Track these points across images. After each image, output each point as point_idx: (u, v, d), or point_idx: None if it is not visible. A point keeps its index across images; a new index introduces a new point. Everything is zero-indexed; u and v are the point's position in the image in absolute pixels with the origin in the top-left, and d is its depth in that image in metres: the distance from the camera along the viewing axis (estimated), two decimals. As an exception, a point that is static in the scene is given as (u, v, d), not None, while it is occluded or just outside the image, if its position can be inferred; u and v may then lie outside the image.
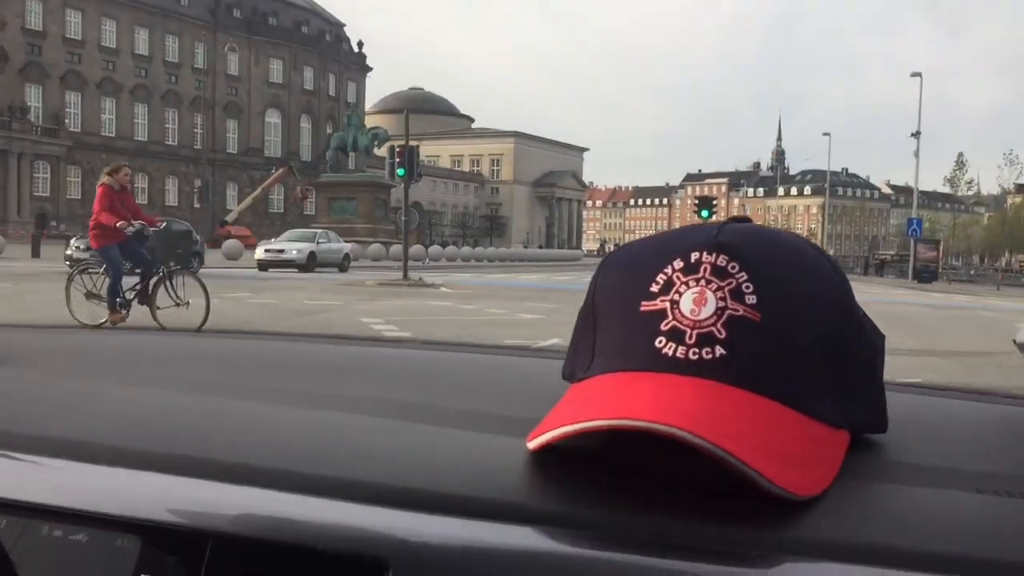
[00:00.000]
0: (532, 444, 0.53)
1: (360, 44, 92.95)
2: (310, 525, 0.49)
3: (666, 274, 0.55)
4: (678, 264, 0.55)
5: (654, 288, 0.55)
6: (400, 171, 21.54)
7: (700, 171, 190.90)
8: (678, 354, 0.52)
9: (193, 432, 0.64)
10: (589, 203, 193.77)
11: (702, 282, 0.53)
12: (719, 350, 0.51)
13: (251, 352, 1.08)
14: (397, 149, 22.26)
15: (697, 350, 0.51)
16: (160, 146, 75.71)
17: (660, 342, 0.52)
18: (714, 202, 29.87)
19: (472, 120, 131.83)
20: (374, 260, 42.56)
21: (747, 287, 0.53)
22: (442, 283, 22.14)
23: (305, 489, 0.51)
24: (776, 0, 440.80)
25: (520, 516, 0.48)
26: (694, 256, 0.55)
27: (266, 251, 29.01)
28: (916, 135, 44.10)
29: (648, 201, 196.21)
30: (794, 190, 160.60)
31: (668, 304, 0.53)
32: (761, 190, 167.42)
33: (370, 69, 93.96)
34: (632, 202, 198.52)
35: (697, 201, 30.01)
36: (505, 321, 12.49)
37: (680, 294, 0.53)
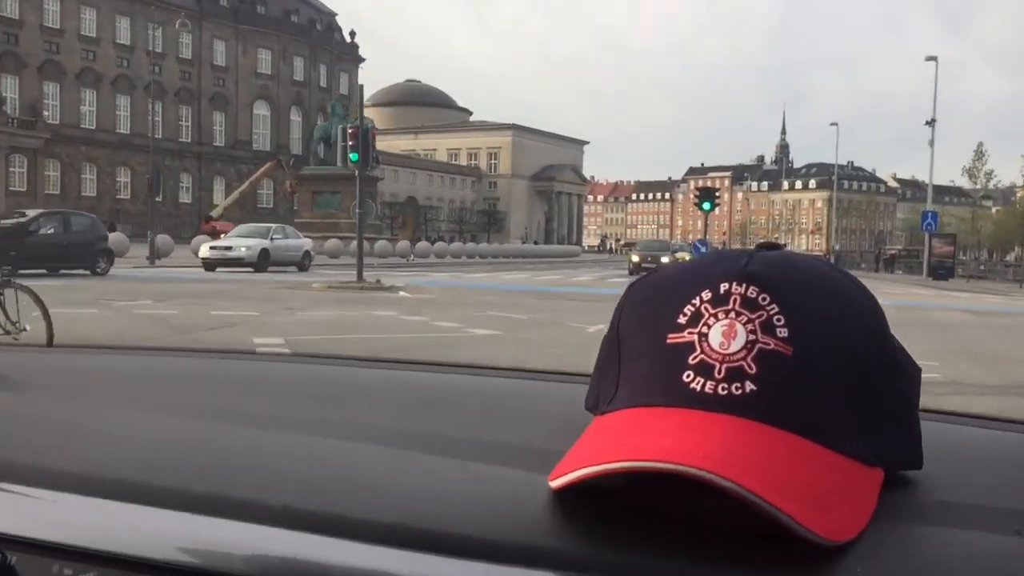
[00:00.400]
0: (555, 484, 0.51)
1: (352, 34, 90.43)
2: (316, 566, 0.48)
3: (694, 305, 0.53)
4: (707, 295, 0.54)
5: (682, 320, 0.53)
6: (353, 156, 18.88)
7: (703, 165, 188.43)
8: (707, 389, 0.50)
9: (203, 465, 0.62)
10: (590, 198, 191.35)
11: (732, 314, 0.52)
12: (749, 385, 0.50)
13: (252, 374, 1.03)
14: (350, 131, 19.45)
15: (726, 385, 0.50)
16: (144, 139, 73.19)
17: (688, 376, 0.51)
18: (716, 194, 27.45)
19: (470, 113, 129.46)
20: (355, 257, 40.30)
21: (778, 319, 0.51)
22: (404, 286, 19.51)
23: (312, 528, 0.50)
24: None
25: (539, 559, 0.46)
26: (723, 287, 0.53)
27: (211, 248, 25.75)
28: (931, 123, 41.45)
29: (650, 196, 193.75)
30: (799, 184, 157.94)
31: (696, 337, 0.52)
32: (765, 184, 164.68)
33: (363, 60, 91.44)
34: (634, 197, 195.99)
35: (698, 193, 27.51)
36: (450, 340, 10.02)
37: (709, 326, 0.52)
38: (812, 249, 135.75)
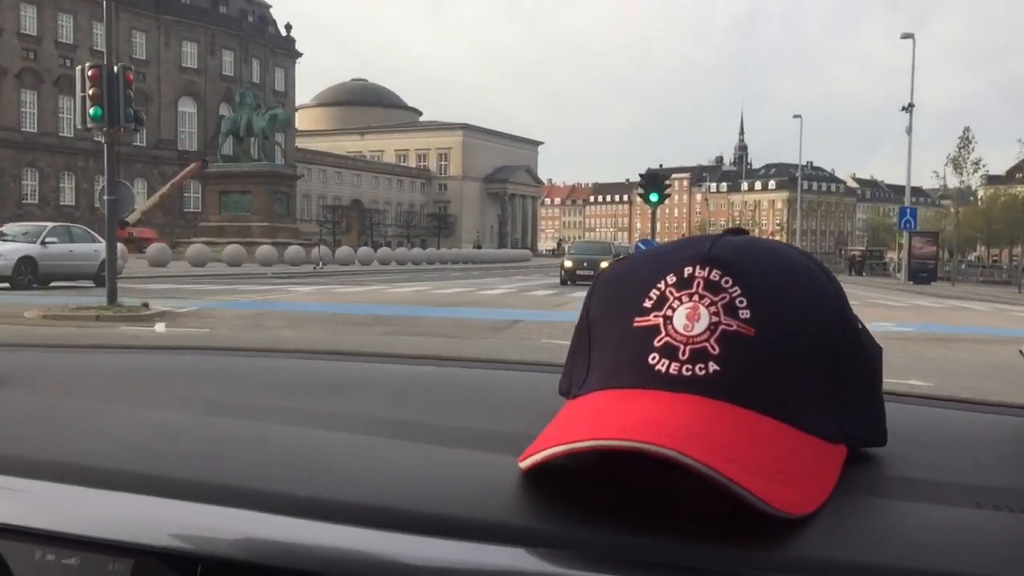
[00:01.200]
0: (524, 464, 0.53)
1: (288, 27, 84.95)
2: (299, 547, 0.49)
3: (659, 289, 0.55)
4: (671, 279, 0.55)
5: (647, 304, 0.55)
6: (94, 111, 11.99)
7: (661, 167, 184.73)
8: (671, 370, 0.52)
9: (184, 454, 0.63)
10: (547, 201, 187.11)
11: (695, 297, 0.53)
12: (712, 366, 0.51)
13: (243, 370, 1.06)
14: (90, 73, 12.37)
15: (690, 366, 0.51)
16: (53, 138, 67.14)
17: (653, 358, 0.53)
18: (667, 184, 22.20)
19: (420, 113, 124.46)
20: (263, 265, 34.97)
21: (741, 301, 0.53)
22: (184, 312, 12.99)
23: (293, 511, 0.51)
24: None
25: (509, 537, 0.48)
26: (687, 271, 0.55)
27: None
28: (908, 108, 37.39)
29: (608, 198, 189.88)
30: (758, 184, 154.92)
31: (661, 320, 0.53)
32: (724, 185, 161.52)
33: (300, 55, 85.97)
34: (592, 199, 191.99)
35: (642, 180, 22.01)
36: None
37: (673, 309, 0.53)
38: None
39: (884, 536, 0.46)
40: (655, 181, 22.27)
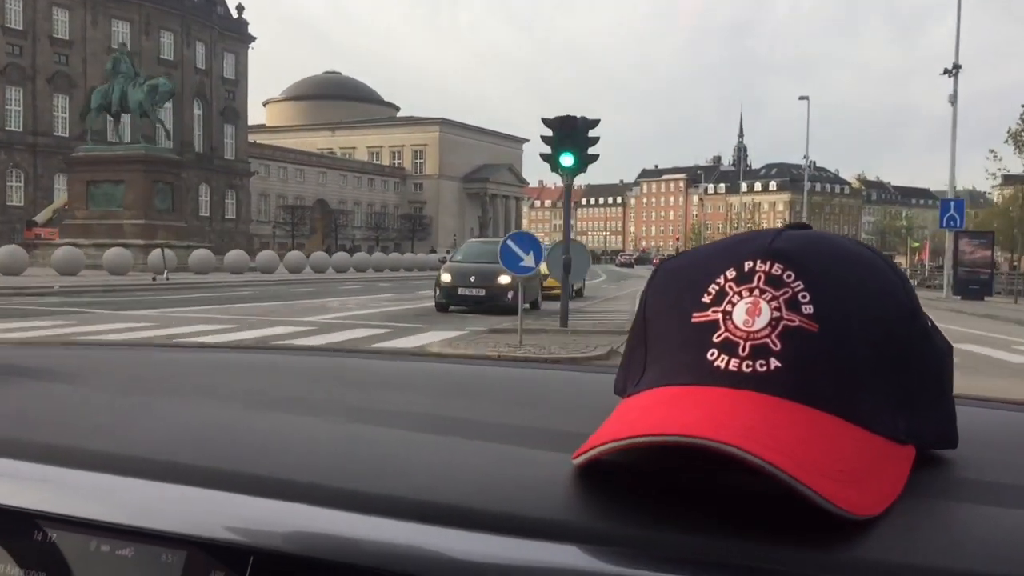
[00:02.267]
0: (578, 460, 0.52)
1: (240, 8, 76.71)
2: (350, 541, 0.49)
3: (718, 284, 0.54)
4: (731, 273, 0.54)
5: (706, 299, 0.54)
6: None
7: (657, 167, 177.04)
8: (731, 367, 0.51)
9: (236, 447, 0.64)
10: (538, 203, 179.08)
11: (756, 292, 0.52)
12: (774, 362, 0.50)
13: (293, 367, 1.06)
14: None
15: (751, 363, 0.50)
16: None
17: (712, 354, 0.51)
18: (593, 139, 12.62)
19: (398, 109, 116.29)
20: (112, 274, 26.76)
21: (803, 296, 0.51)
22: None
23: (345, 505, 0.52)
24: (737, 2, 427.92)
25: (563, 534, 0.47)
26: (747, 265, 0.53)
27: None
28: (954, 71, 29.14)
29: (601, 200, 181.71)
30: (758, 185, 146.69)
31: (721, 315, 0.52)
32: (723, 186, 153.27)
33: (253, 39, 77.78)
34: (584, 201, 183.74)
35: (552, 135, 12.26)
36: None
37: (733, 304, 0.52)
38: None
39: (955, 540, 0.45)
40: (571, 134, 12.37)
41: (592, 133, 12.96)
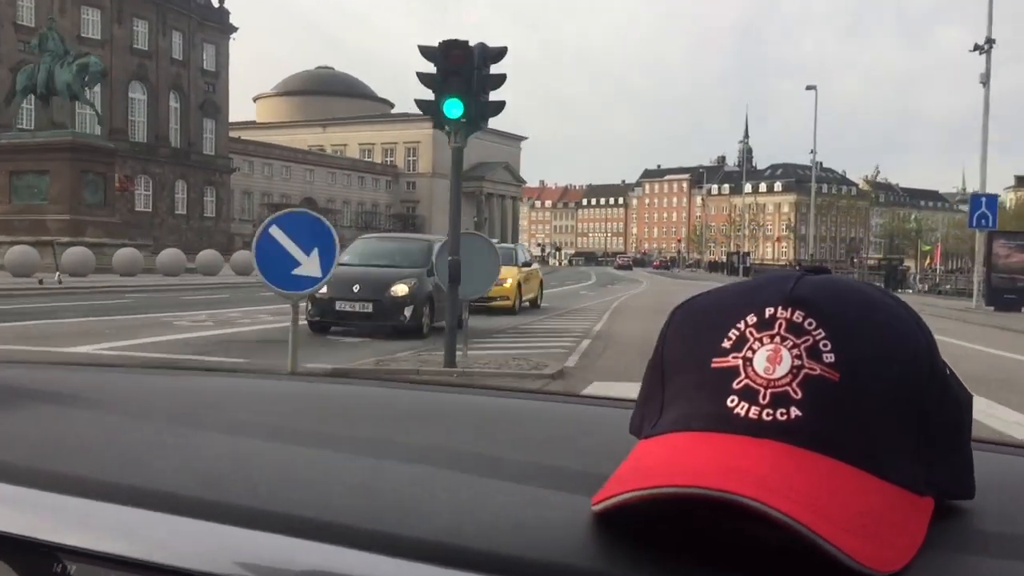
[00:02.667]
0: (598, 507, 0.51)
1: (221, -3, 73.18)
2: None
3: (739, 329, 0.53)
4: (752, 319, 0.53)
5: (726, 344, 0.53)
6: None
7: (659, 167, 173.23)
8: (751, 415, 0.50)
9: (251, 482, 0.63)
10: (538, 203, 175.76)
11: (777, 339, 0.52)
12: (795, 411, 0.50)
13: (313, 397, 1.04)
14: None
15: (771, 411, 0.50)
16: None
17: (732, 401, 0.51)
18: (492, 78, 8.51)
19: (392, 105, 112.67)
20: (64, 274, 23.20)
21: (825, 345, 0.51)
22: None
23: (358, 544, 0.51)
24: (746, 3, 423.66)
25: None
26: (768, 311, 0.53)
27: None
28: (986, 47, 25.48)
29: (603, 201, 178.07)
30: (763, 186, 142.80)
31: (741, 361, 0.52)
32: (727, 187, 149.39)
33: (235, 29, 74.36)
34: (585, 202, 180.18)
35: (430, 61, 7.93)
36: None
37: (754, 351, 0.52)
38: (778, 259, 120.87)
39: None
40: (460, 69, 8.21)
41: (495, 69, 8.76)
